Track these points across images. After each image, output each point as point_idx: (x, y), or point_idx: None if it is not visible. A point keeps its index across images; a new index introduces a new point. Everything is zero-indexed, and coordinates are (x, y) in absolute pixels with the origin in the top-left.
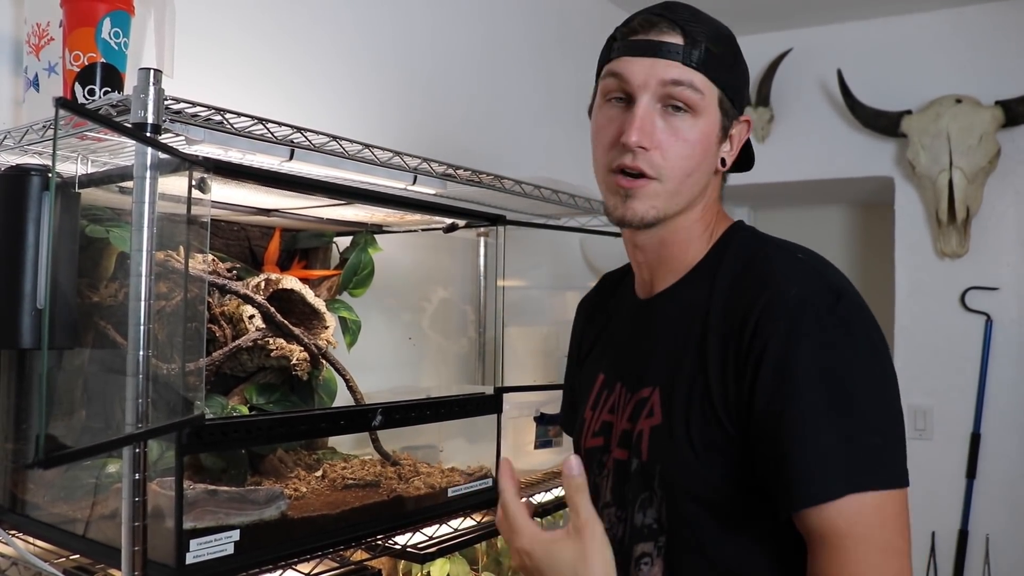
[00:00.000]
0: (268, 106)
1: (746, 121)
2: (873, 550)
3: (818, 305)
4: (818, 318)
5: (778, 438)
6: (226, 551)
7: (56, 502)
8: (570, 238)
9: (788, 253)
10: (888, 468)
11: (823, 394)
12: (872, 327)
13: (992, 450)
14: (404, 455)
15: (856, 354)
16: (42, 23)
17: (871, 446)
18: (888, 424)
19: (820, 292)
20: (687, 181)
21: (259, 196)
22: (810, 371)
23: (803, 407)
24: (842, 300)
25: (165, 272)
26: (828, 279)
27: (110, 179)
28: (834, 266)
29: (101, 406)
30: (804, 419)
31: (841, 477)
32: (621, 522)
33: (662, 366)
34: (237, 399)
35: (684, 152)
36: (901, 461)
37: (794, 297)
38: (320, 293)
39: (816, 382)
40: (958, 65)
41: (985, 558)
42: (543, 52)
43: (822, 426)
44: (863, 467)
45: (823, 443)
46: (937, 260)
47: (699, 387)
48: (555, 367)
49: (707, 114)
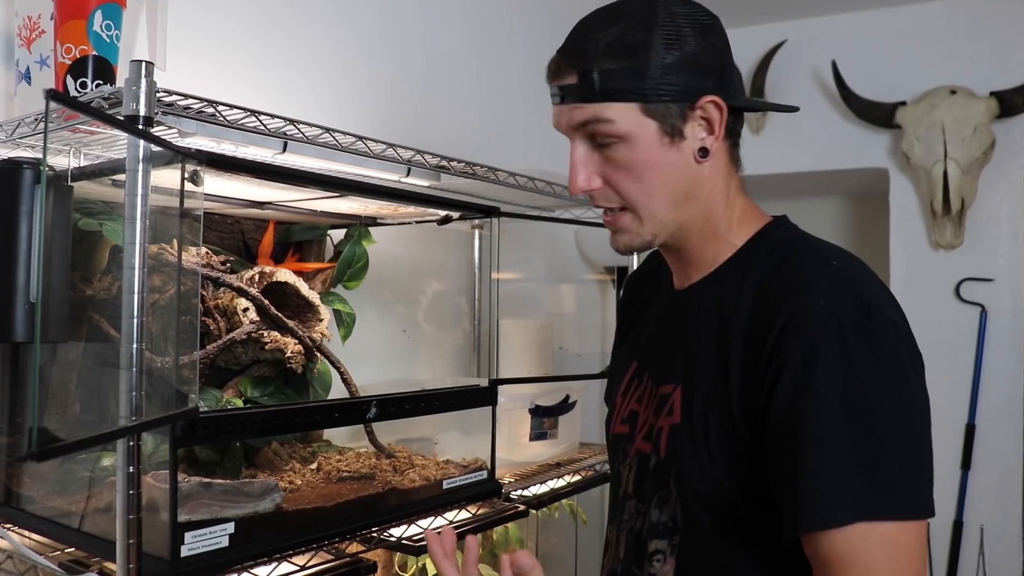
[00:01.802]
0: (261, 98)
1: (711, 101)
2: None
3: (845, 320)
4: (844, 334)
5: (790, 456)
6: (221, 544)
7: (51, 496)
8: (564, 230)
9: (822, 258)
10: (907, 498)
11: (841, 415)
12: (905, 347)
13: (986, 441)
14: (399, 447)
15: (882, 376)
16: (33, 16)
17: (890, 473)
18: (912, 452)
19: (850, 306)
20: (658, 200)
21: (252, 189)
22: (830, 390)
23: (819, 427)
24: (872, 316)
25: (158, 265)
26: (860, 291)
27: (102, 172)
28: (872, 275)
29: (95, 399)
30: (818, 439)
31: (852, 504)
32: (640, 515)
33: (685, 364)
34: (231, 392)
35: (634, 178)
36: (924, 491)
37: (822, 308)
38: (314, 286)
39: (835, 402)
40: (952, 56)
41: (979, 549)
42: (537, 43)
43: (837, 449)
44: (878, 495)
45: (836, 466)
46: (932, 251)
47: (719, 390)
48: (550, 359)
49: (636, 134)
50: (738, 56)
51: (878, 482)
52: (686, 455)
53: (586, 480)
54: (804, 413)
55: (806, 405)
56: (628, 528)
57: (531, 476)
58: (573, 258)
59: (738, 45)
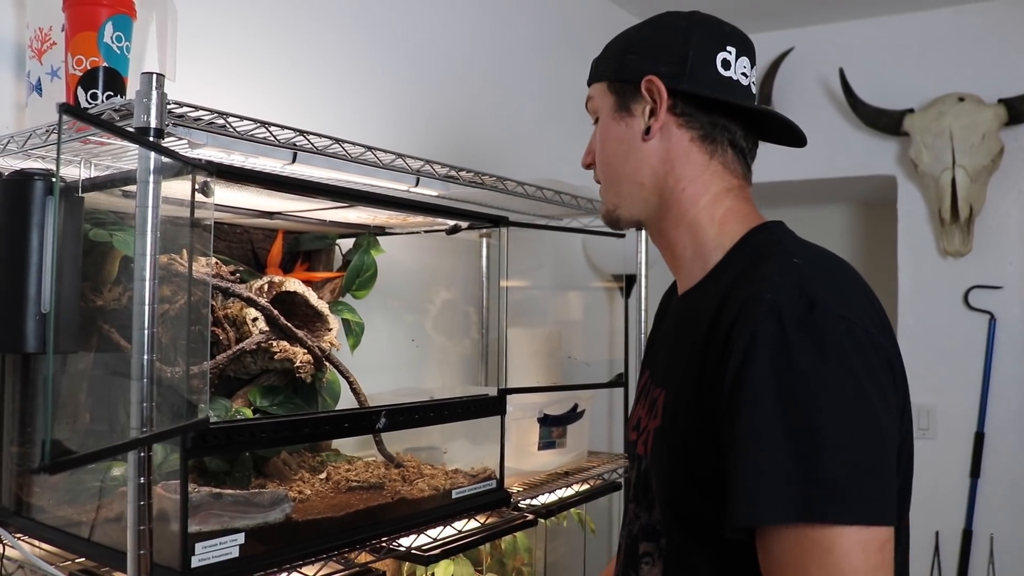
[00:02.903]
0: (271, 108)
1: (648, 80)
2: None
3: (786, 313)
4: (783, 327)
5: (730, 451)
6: (231, 554)
7: (61, 505)
8: (572, 238)
9: (786, 255)
10: (854, 502)
11: (775, 409)
12: (854, 344)
13: (996, 449)
14: (408, 457)
15: (823, 369)
16: (44, 27)
17: (828, 472)
18: (857, 451)
19: (793, 299)
20: (612, 171)
21: (262, 199)
22: (765, 383)
23: (754, 420)
24: (816, 310)
25: (168, 276)
26: (807, 286)
27: (113, 183)
28: (842, 275)
29: (105, 410)
30: (752, 433)
31: (784, 502)
32: (636, 518)
33: (670, 367)
34: (240, 402)
35: (600, 149)
36: (870, 495)
37: (767, 301)
38: (323, 295)
39: (770, 395)
40: (960, 63)
41: (989, 558)
42: (546, 54)
43: (770, 443)
44: (812, 495)
45: (768, 461)
46: (940, 259)
47: (690, 390)
48: (558, 368)
49: (602, 107)
50: None
51: (814, 481)
52: (662, 456)
53: (595, 489)
54: (740, 405)
55: (742, 397)
56: (627, 532)
57: (540, 485)
58: (581, 266)
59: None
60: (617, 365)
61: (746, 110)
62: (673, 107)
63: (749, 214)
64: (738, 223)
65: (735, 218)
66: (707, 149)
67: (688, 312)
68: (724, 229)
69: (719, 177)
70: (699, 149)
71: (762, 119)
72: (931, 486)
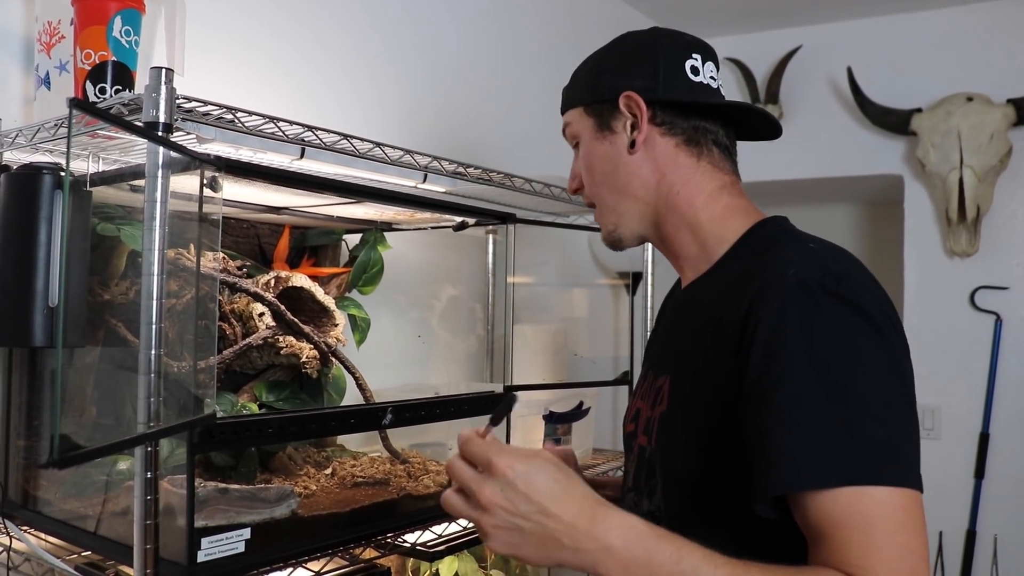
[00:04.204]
0: (279, 102)
1: (626, 95)
2: (880, 545)
3: (815, 285)
4: (814, 298)
5: (764, 420)
6: (237, 549)
7: (67, 499)
8: (578, 235)
9: (799, 241)
10: (894, 465)
11: (814, 377)
12: (882, 311)
13: (1001, 450)
14: (413, 453)
15: (857, 337)
16: (53, 21)
17: (872, 437)
18: (894, 416)
19: (820, 274)
20: (605, 190)
21: (269, 194)
22: (800, 353)
23: (790, 391)
24: (844, 283)
25: (176, 270)
26: (832, 263)
27: (122, 177)
28: (853, 258)
29: (111, 404)
30: (791, 403)
31: (833, 466)
32: (635, 507)
33: (676, 355)
34: (246, 396)
35: (587, 171)
36: (910, 460)
37: (791, 278)
38: (329, 291)
39: (806, 365)
40: (969, 63)
41: (993, 559)
42: (554, 50)
43: (811, 412)
44: (861, 459)
45: (811, 429)
46: (947, 259)
47: (700, 375)
48: (563, 365)
49: (582, 131)
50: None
51: (858, 445)
52: (669, 440)
53: None
54: (775, 379)
55: (777, 371)
56: None
57: None
58: (587, 263)
59: (753, 50)
60: (622, 363)
61: (724, 108)
62: (653, 117)
63: (748, 209)
64: (739, 217)
65: (735, 213)
66: (693, 152)
67: (693, 299)
68: (726, 224)
69: (710, 176)
70: (686, 153)
71: (738, 118)
72: (935, 486)
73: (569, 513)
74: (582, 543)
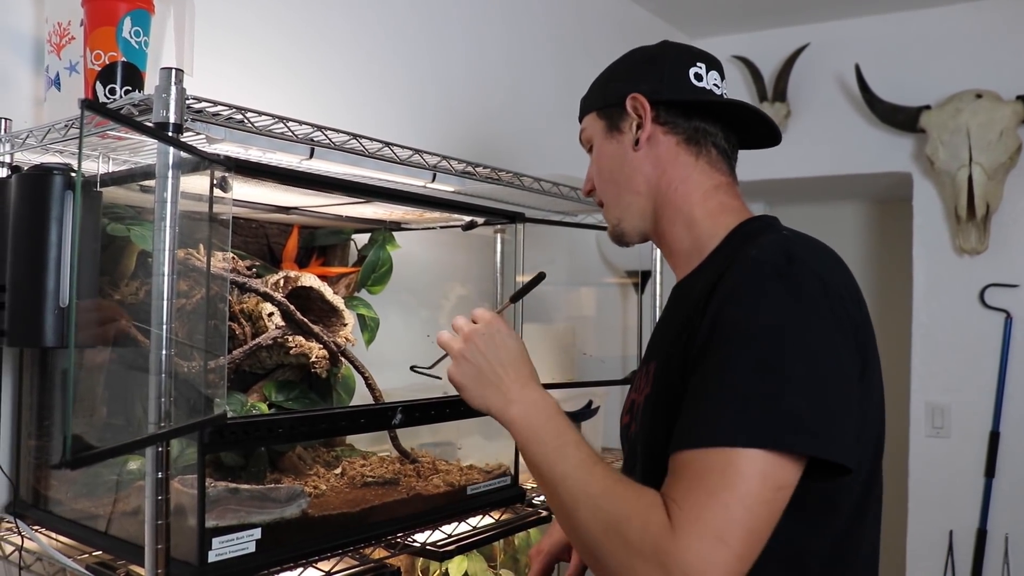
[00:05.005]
0: (288, 102)
1: (632, 97)
2: (706, 489)
3: (767, 265)
4: (762, 275)
5: (696, 385)
6: (248, 549)
7: (78, 498)
8: (587, 235)
9: (775, 232)
10: (811, 434)
11: (744, 346)
12: (824, 295)
13: (1011, 448)
14: (422, 452)
15: (793, 314)
16: (63, 22)
17: (792, 406)
18: (822, 392)
19: (775, 255)
20: (612, 187)
21: (279, 194)
22: (737, 323)
23: (722, 356)
24: (795, 264)
25: (186, 270)
26: (792, 248)
27: (132, 178)
28: (821, 248)
29: (121, 404)
30: (719, 367)
31: (745, 428)
32: None
33: (660, 340)
34: (256, 396)
35: (598, 170)
36: (835, 434)
37: (751, 259)
38: (338, 290)
39: (740, 334)
40: (978, 59)
41: (1004, 558)
42: (562, 49)
43: (736, 376)
44: (778, 426)
45: (731, 393)
46: (956, 257)
47: (678, 357)
48: (572, 364)
49: (595, 134)
50: (761, 59)
51: (777, 412)
52: (648, 419)
53: None
54: (712, 344)
55: (715, 337)
56: None
57: None
58: (595, 262)
59: (760, 48)
60: (631, 362)
61: (722, 107)
62: (656, 117)
63: (740, 208)
64: (731, 215)
65: (727, 211)
66: (693, 151)
67: (681, 291)
68: (718, 221)
69: (707, 175)
70: (686, 151)
71: (740, 124)
72: (945, 485)
73: (514, 372)
74: (508, 395)
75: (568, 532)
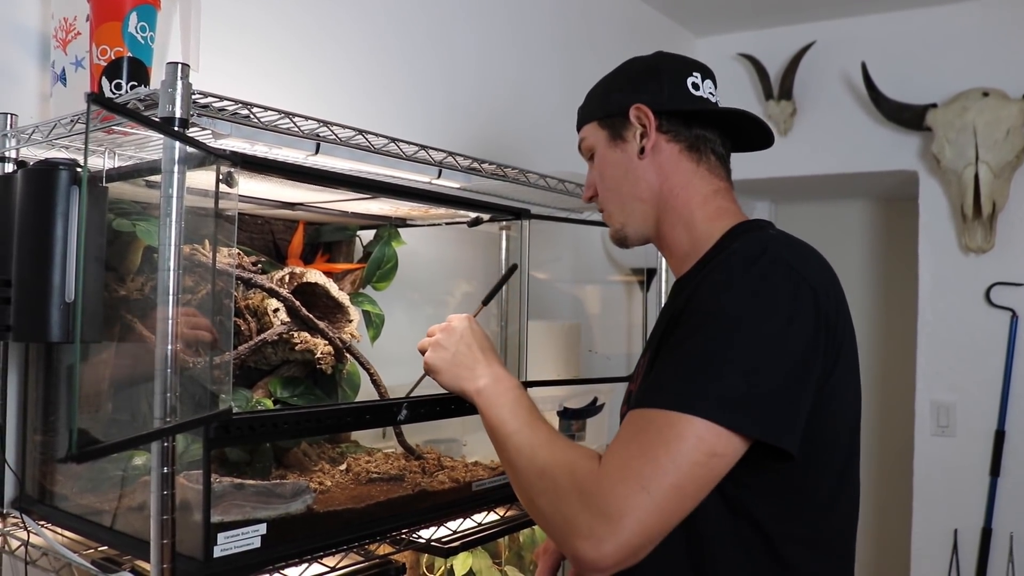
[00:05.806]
0: (294, 98)
1: (636, 107)
2: (638, 443)
3: (740, 257)
4: (735, 266)
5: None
6: (253, 544)
7: (84, 494)
8: (592, 232)
9: (763, 232)
10: (731, 410)
11: (703, 325)
12: (794, 286)
13: (1016, 447)
14: (427, 449)
15: (754, 301)
16: (69, 17)
17: (734, 383)
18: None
19: (751, 249)
20: (615, 194)
21: (284, 190)
22: (703, 306)
23: (681, 334)
24: (766, 255)
25: (191, 266)
26: (770, 244)
27: (138, 173)
28: (802, 246)
29: (127, 399)
30: (677, 342)
31: (687, 397)
32: None
33: (652, 335)
34: (261, 392)
35: (601, 178)
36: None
37: (732, 251)
38: (344, 287)
39: (703, 314)
40: (985, 58)
41: (1009, 556)
42: (568, 46)
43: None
44: (716, 399)
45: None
46: (962, 255)
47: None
48: (577, 361)
49: (597, 143)
50: (767, 57)
51: (718, 386)
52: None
53: None
54: (680, 324)
55: (684, 318)
56: None
57: None
58: (600, 260)
59: (766, 46)
60: (636, 359)
61: (722, 114)
62: (660, 126)
63: (736, 212)
64: (727, 219)
65: (725, 215)
66: (694, 158)
67: (676, 290)
68: (715, 224)
69: (707, 181)
70: (687, 158)
71: (733, 128)
72: (950, 484)
73: (483, 355)
74: (477, 371)
75: (513, 484)
